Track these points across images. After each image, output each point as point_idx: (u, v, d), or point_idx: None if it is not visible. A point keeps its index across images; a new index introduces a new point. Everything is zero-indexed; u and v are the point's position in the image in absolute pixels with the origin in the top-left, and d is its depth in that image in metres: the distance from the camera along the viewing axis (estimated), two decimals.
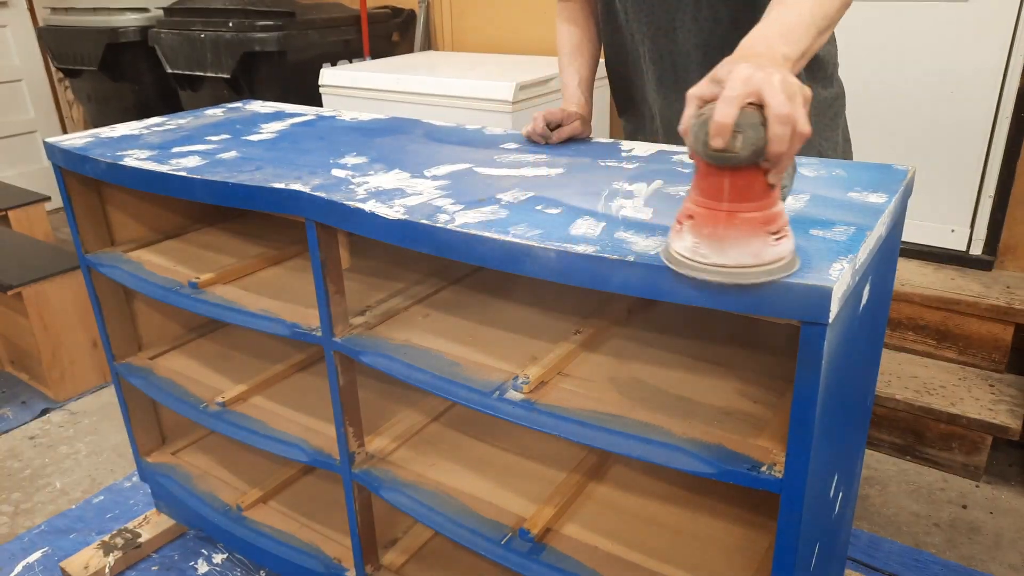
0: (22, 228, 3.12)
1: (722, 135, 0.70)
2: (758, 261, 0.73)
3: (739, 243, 0.73)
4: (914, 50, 2.26)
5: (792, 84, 0.73)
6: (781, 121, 0.70)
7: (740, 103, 0.71)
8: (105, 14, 3.39)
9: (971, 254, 2.34)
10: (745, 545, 1.10)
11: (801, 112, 0.72)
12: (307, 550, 1.48)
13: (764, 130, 0.70)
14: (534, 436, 1.37)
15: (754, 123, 0.70)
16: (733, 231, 0.73)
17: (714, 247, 0.74)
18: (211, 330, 1.81)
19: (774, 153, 0.70)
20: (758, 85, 0.71)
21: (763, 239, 0.73)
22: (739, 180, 0.72)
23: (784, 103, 0.70)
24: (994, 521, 1.87)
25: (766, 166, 0.72)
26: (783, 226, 0.74)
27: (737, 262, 0.73)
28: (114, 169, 1.34)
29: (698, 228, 0.74)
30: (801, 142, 0.72)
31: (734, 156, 0.70)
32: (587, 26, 1.48)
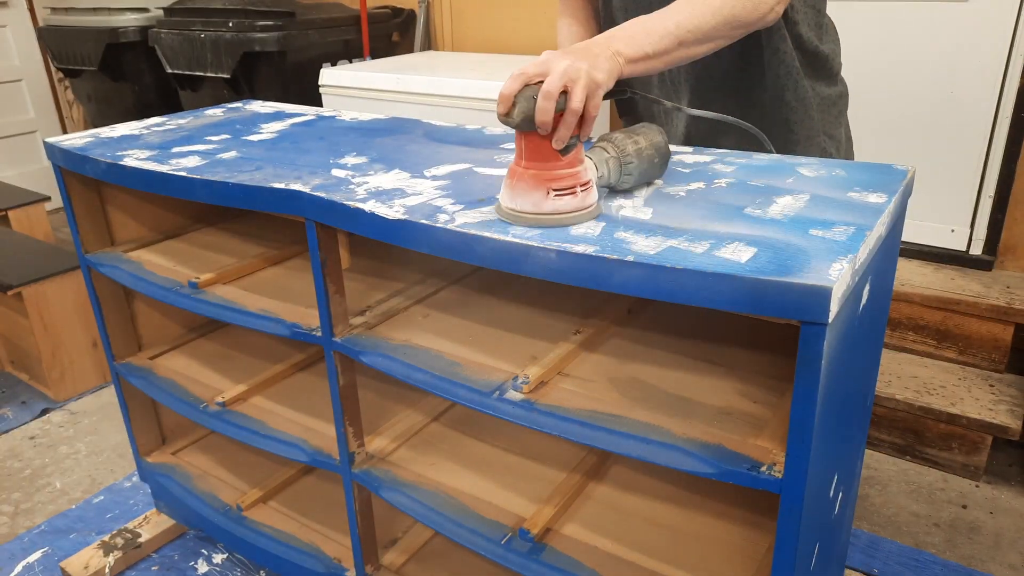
0: (22, 228, 3.12)
1: (504, 103, 0.87)
2: (537, 210, 0.91)
3: (525, 193, 0.91)
4: (914, 50, 2.26)
5: (578, 71, 0.87)
6: (544, 96, 0.85)
7: (525, 80, 0.87)
8: (105, 14, 3.39)
9: (971, 254, 2.34)
10: (745, 545, 1.10)
11: (577, 92, 0.87)
12: (307, 550, 1.48)
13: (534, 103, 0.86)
14: (534, 436, 1.37)
15: (527, 96, 0.87)
16: (522, 184, 0.91)
17: (511, 195, 0.93)
18: (211, 330, 1.81)
19: (539, 122, 0.86)
20: (547, 67, 0.88)
21: (543, 193, 0.90)
22: (528, 144, 0.90)
23: (553, 83, 0.85)
24: (994, 521, 1.87)
25: (542, 133, 0.88)
26: (570, 186, 0.91)
27: (520, 208, 0.92)
28: (114, 169, 1.34)
29: (507, 179, 0.94)
30: (574, 117, 0.87)
31: (510, 120, 0.88)
32: (588, 24, 1.49)
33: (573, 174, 0.91)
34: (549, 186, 0.90)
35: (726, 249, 0.82)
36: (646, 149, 1.01)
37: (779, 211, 0.94)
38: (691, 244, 0.84)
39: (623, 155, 0.99)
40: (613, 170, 0.99)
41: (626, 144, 1.00)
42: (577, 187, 0.91)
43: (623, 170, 1.00)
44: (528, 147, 0.90)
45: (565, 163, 0.90)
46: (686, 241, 0.85)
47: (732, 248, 0.82)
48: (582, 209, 0.92)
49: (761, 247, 0.82)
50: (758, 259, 0.79)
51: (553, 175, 0.90)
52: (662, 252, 0.82)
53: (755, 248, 0.82)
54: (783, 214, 0.93)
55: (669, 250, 0.83)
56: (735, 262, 0.78)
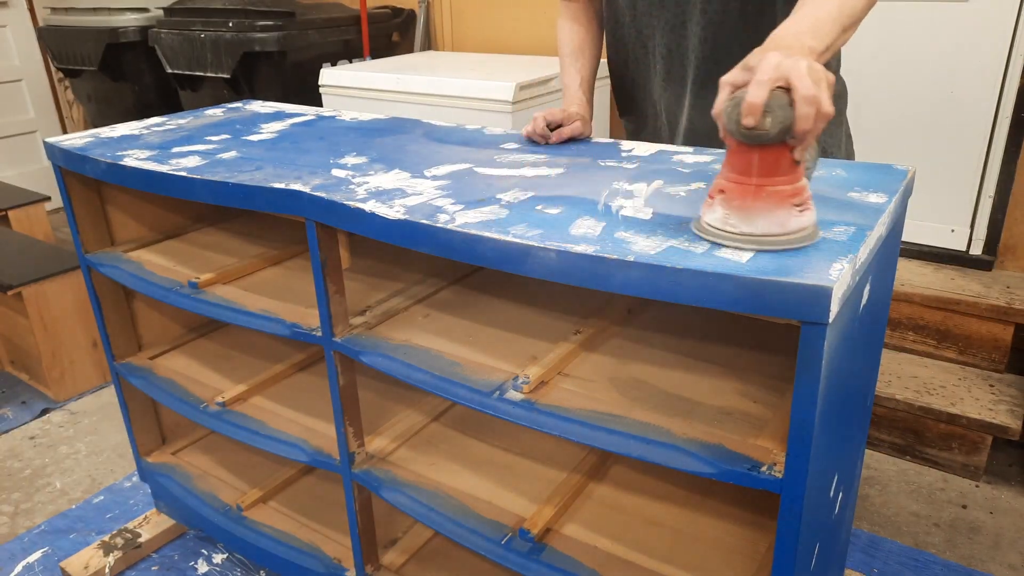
0: (22, 228, 3.12)
1: (754, 114, 0.77)
2: (783, 230, 0.81)
3: (766, 214, 0.81)
4: (914, 50, 2.26)
5: (817, 70, 0.80)
6: (807, 102, 0.77)
7: (770, 86, 0.78)
8: (105, 14, 3.39)
9: (971, 254, 2.34)
10: (745, 545, 1.10)
11: (825, 95, 0.79)
12: (307, 550, 1.48)
13: (791, 110, 0.78)
14: (534, 436, 1.37)
15: (782, 104, 0.78)
16: (761, 203, 0.81)
17: (743, 218, 0.82)
18: (211, 330, 1.81)
19: (800, 130, 0.78)
20: (786, 71, 0.79)
21: (788, 210, 0.81)
22: (768, 156, 0.80)
23: (810, 86, 0.78)
24: (994, 521, 1.87)
25: (792, 143, 0.79)
26: (807, 199, 0.82)
27: (764, 231, 0.81)
28: (114, 169, 1.34)
29: (728, 201, 0.83)
30: (825, 122, 0.79)
31: (764, 134, 0.78)
32: (590, 27, 1.49)
33: (806, 186, 0.83)
34: (792, 201, 0.81)
35: (726, 249, 0.82)
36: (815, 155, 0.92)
37: None
38: (691, 244, 0.84)
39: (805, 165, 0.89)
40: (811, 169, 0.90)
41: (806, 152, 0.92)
42: (810, 199, 0.83)
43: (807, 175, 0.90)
44: (765, 161, 0.80)
45: (799, 174, 0.82)
46: (686, 241, 0.85)
47: (732, 248, 0.82)
48: (814, 224, 0.84)
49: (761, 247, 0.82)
50: (758, 259, 0.79)
51: (795, 189, 0.81)
52: (662, 252, 0.82)
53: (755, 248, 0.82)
54: None
55: (669, 250, 0.83)
56: (735, 262, 0.78)
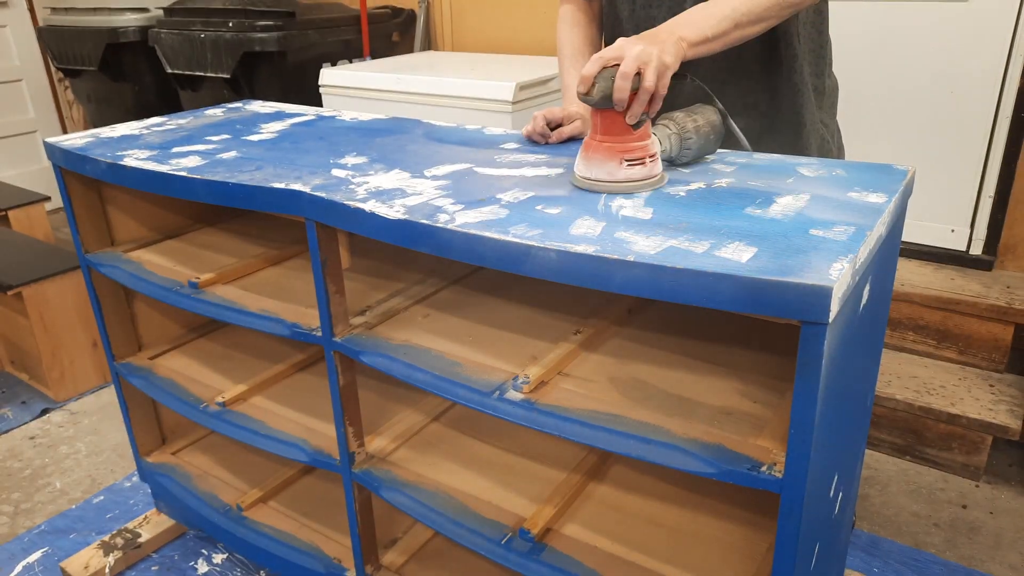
0: (22, 228, 3.12)
1: (584, 83, 1.00)
2: (611, 178, 1.02)
3: (600, 163, 1.03)
4: (914, 50, 2.26)
5: (649, 54, 0.99)
6: (622, 77, 0.97)
7: (603, 63, 0.99)
8: (105, 14, 3.39)
9: (971, 254, 2.34)
10: (745, 545, 1.10)
11: (650, 74, 0.98)
12: (307, 550, 1.48)
13: (611, 83, 0.98)
14: (534, 436, 1.37)
15: (606, 77, 0.98)
16: (598, 155, 1.03)
17: (587, 165, 1.05)
18: (211, 330, 1.81)
19: (616, 99, 0.98)
20: (622, 51, 0.99)
21: (617, 163, 1.02)
22: (604, 119, 1.02)
23: (629, 64, 0.97)
24: (994, 521, 1.87)
25: (619, 109, 0.99)
26: (641, 157, 1.02)
27: (597, 177, 1.03)
28: (114, 169, 1.34)
29: (583, 152, 1.05)
30: (647, 95, 0.99)
31: (589, 99, 1.00)
32: (589, 28, 1.49)
33: (643, 146, 1.03)
34: (622, 156, 1.02)
35: (726, 249, 0.82)
36: (703, 127, 1.11)
37: (779, 211, 0.94)
38: (691, 244, 0.84)
39: (683, 131, 1.10)
40: (674, 145, 1.10)
41: (686, 122, 1.10)
42: (646, 158, 1.03)
43: (683, 145, 1.10)
44: (603, 122, 1.02)
45: (636, 136, 1.02)
46: (687, 241, 0.85)
47: (732, 248, 0.82)
48: (650, 177, 1.04)
49: (761, 247, 0.82)
50: (758, 259, 0.79)
51: (626, 147, 1.02)
52: (663, 252, 0.82)
53: (755, 248, 0.82)
54: (783, 214, 0.93)
55: (670, 250, 0.83)
56: (735, 262, 0.78)
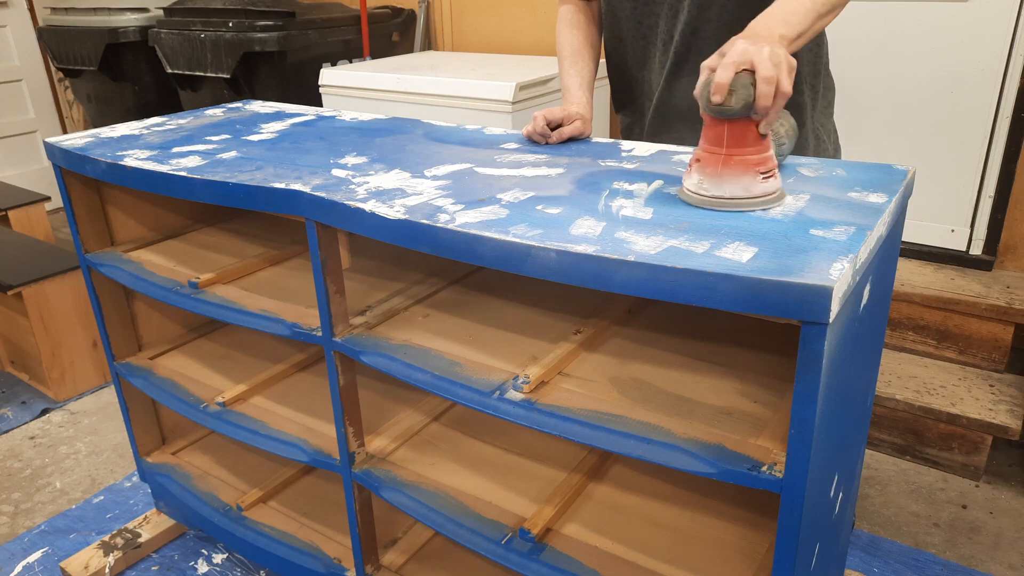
0: (22, 228, 3.12)
1: (720, 92, 0.91)
2: (748, 194, 0.94)
3: (734, 179, 0.94)
4: (914, 50, 2.26)
5: (778, 55, 0.92)
6: (766, 81, 0.90)
7: (735, 69, 0.91)
8: (105, 14, 3.39)
9: (971, 254, 2.34)
10: (745, 545, 1.10)
11: (784, 76, 0.92)
12: (307, 550, 1.48)
13: (753, 89, 0.90)
14: (534, 436, 1.37)
15: (745, 83, 0.91)
16: (729, 170, 0.94)
17: (714, 183, 0.95)
18: (211, 330, 1.81)
19: (761, 107, 0.91)
20: (751, 55, 0.91)
21: (753, 177, 0.94)
22: (735, 129, 0.93)
23: (769, 68, 0.90)
24: (994, 521, 1.87)
25: (756, 118, 0.92)
26: (771, 168, 0.95)
27: (732, 194, 0.94)
28: (114, 169, 1.34)
29: (703, 168, 0.96)
30: (784, 100, 0.92)
31: (729, 109, 0.91)
32: (588, 29, 1.50)
33: (771, 156, 0.96)
34: (757, 169, 0.94)
35: (727, 249, 0.82)
36: (789, 131, 1.09)
37: (779, 211, 0.94)
38: (692, 244, 0.84)
39: (778, 138, 1.07)
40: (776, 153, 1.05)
41: (779, 128, 1.08)
42: (774, 168, 0.96)
43: (779, 152, 1.07)
44: (733, 134, 0.93)
45: (764, 147, 0.95)
46: (687, 241, 0.85)
47: (733, 248, 0.82)
48: (778, 191, 0.97)
49: (762, 247, 0.82)
50: (759, 259, 0.79)
51: (760, 158, 0.94)
52: (663, 252, 0.82)
53: (756, 248, 0.82)
54: (783, 214, 0.93)
55: (670, 250, 0.83)
56: (736, 262, 0.78)
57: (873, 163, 1.14)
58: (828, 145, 1.44)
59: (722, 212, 0.94)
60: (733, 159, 0.94)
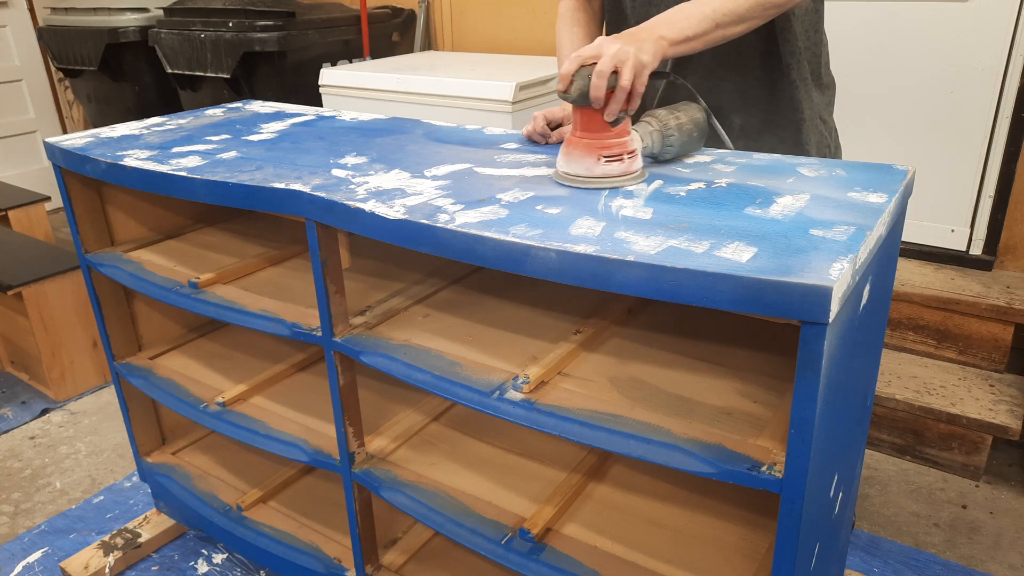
0: (22, 228, 3.12)
1: (562, 82, 1.02)
2: (589, 174, 1.05)
3: (579, 159, 1.05)
4: (914, 50, 2.26)
5: (627, 53, 1.00)
6: (597, 75, 0.99)
7: (580, 62, 1.00)
8: (105, 14, 3.39)
9: (971, 254, 2.34)
10: (745, 545, 1.10)
11: (626, 73, 1.00)
12: (307, 550, 1.48)
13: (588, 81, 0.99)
14: (534, 436, 1.37)
15: (583, 75, 1.00)
16: (577, 151, 1.05)
17: (566, 161, 1.07)
18: (211, 330, 1.81)
19: (593, 97, 1.00)
20: (600, 50, 1.01)
21: (595, 159, 1.04)
22: (582, 116, 1.04)
23: (606, 63, 0.98)
24: (994, 521, 1.87)
25: (596, 107, 1.01)
26: (619, 153, 1.04)
27: (576, 172, 1.06)
28: (114, 169, 1.34)
29: (563, 147, 1.08)
30: (623, 93, 1.01)
31: (568, 96, 1.02)
32: (589, 27, 1.50)
33: (621, 143, 1.05)
34: (600, 153, 1.04)
35: (726, 249, 0.82)
36: (686, 124, 1.14)
37: (779, 211, 0.94)
38: (691, 244, 0.84)
39: (665, 128, 1.12)
40: (656, 141, 1.12)
41: (668, 119, 1.13)
42: (624, 154, 1.05)
43: (665, 142, 1.12)
44: (582, 119, 1.04)
45: (614, 133, 1.04)
46: (686, 241, 0.85)
47: (732, 248, 0.82)
48: (628, 174, 1.06)
49: (761, 247, 0.82)
50: (758, 259, 0.79)
51: (604, 143, 1.04)
52: (663, 252, 0.82)
53: (755, 248, 0.82)
54: (783, 214, 0.93)
55: (669, 250, 0.83)
56: (735, 262, 0.78)
57: (873, 163, 1.14)
58: (830, 142, 1.44)
59: (720, 212, 0.94)
60: (581, 141, 1.05)
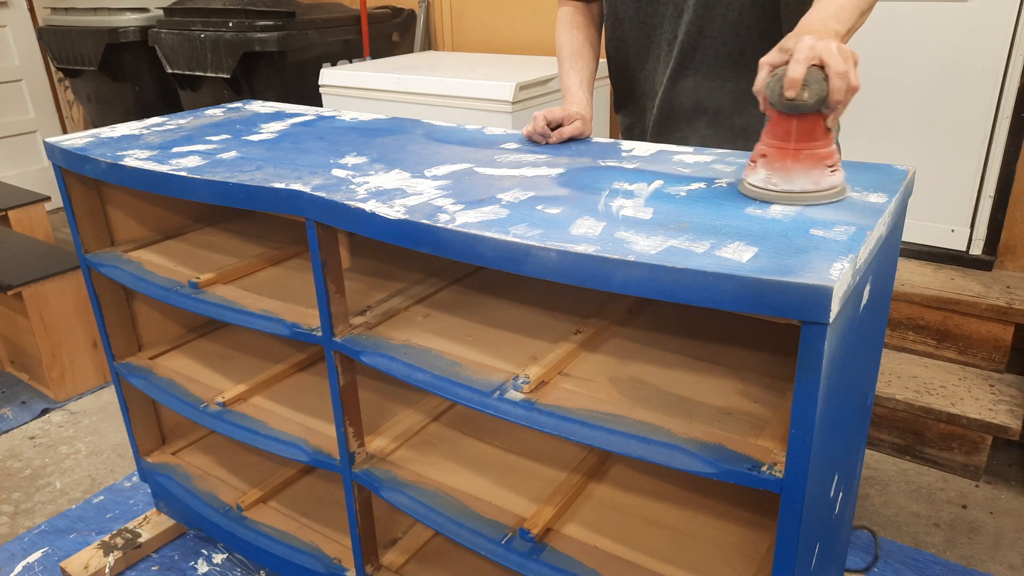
0: (22, 228, 3.12)
1: (794, 88, 0.91)
2: (818, 187, 0.95)
3: (803, 173, 0.95)
4: (914, 50, 2.26)
5: (846, 50, 0.93)
6: (839, 76, 0.91)
7: (808, 64, 0.92)
8: (105, 14, 3.39)
9: (971, 254, 2.34)
10: (745, 545, 1.10)
11: (854, 71, 0.93)
12: (307, 550, 1.48)
13: (826, 84, 0.91)
14: (534, 436, 1.37)
15: (818, 78, 0.91)
16: (799, 164, 0.95)
17: (783, 177, 0.96)
18: (211, 330, 1.81)
19: (834, 101, 0.92)
20: (820, 51, 0.92)
21: (822, 170, 0.95)
22: (804, 124, 0.94)
23: (841, 63, 0.91)
24: (994, 521, 1.87)
25: (826, 112, 0.93)
26: (836, 162, 0.97)
27: (802, 188, 0.95)
28: (114, 169, 1.34)
29: (770, 163, 0.96)
30: (853, 94, 0.93)
31: (803, 104, 0.92)
32: (588, 30, 1.50)
33: (836, 149, 0.98)
34: (826, 163, 0.96)
35: (727, 249, 0.82)
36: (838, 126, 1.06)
37: (779, 211, 0.94)
38: (692, 244, 0.84)
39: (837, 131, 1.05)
40: None
41: None
42: (839, 161, 0.98)
43: None
44: (802, 128, 0.94)
45: (831, 140, 0.97)
46: (687, 241, 0.85)
47: (733, 248, 0.82)
48: (844, 182, 0.99)
49: (762, 247, 0.82)
50: (759, 259, 0.79)
51: (828, 151, 0.96)
52: (663, 252, 0.82)
53: (756, 248, 0.82)
54: (784, 214, 0.93)
55: (670, 250, 0.83)
56: (736, 262, 0.78)
57: (873, 163, 1.14)
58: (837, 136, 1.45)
59: (720, 212, 0.94)
60: (802, 153, 0.94)
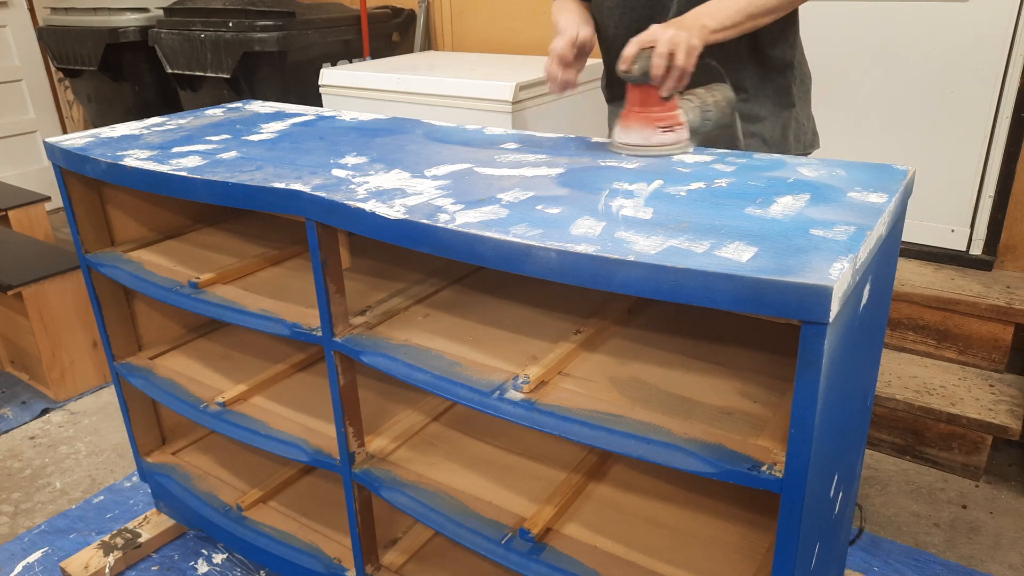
0: (22, 228, 3.12)
1: (624, 63, 1.16)
2: (647, 143, 1.20)
3: (637, 130, 1.20)
4: (914, 50, 2.26)
5: (680, 38, 1.14)
6: (659, 56, 1.13)
7: (640, 45, 1.15)
8: (105, 14, 3.39)
9: (971, 254, 2.34)
10: (745, 545, 1.10)
11: (681, 54, 1.14)
12: (307, 550, 1.48)
13: (649, 61, 1.14)
14: (534, 436, 1.37)
15: (644, 57, 1.15)
16: (635, 123, 1.21)
17: (625, 132, 1.22)
18: (211, 330, 1.81)
19: (655, 75, 1.14)
20: (656, 36, 1.15)
21: (653, 129, 1.19)
22: (640, 93, 1.19)
23: (664, 46, 1.13)
24: (994, 521, 1.87)
25: (655, 83, 1.16)
26: (672, 125, 1.20)
27: (636, 142, 1.21)
28: (114, 169, 1.34)
29: (621, 121, 1.23)
30: (679, 72, 1.15)
31: (631, 75, 1.16)
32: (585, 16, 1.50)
33: (673, 115, 1.20)
34: (657, 124, 1.19)
35: (727, 249, 0.82)
36: (720, 101, 1.27)
37: (779, 211, 0.94)
38: (692, 244, 0.84)
39: (704, 105, 1.25)
40: (696, 116, 1.24)
41: (706, 96, 1.26)
42: (675, 125, 1.20)
43: (704, 116, 1.26)
44: (640, 96, 1.19)
45: (668, 107, 1.19)
46: (687, 241, 0.85)
47: (733, 248, 0.82)
48: (679, 142, 1.21)
49: (762, 247, 0.82)
50: (759, 259, 0.79)
51: (659, 116, 1.19)
52: (663, 252, 0.82)
53: (756, 248, 0.82)
54: (783, 214, 0.93)
55: (670, 250, 0.83)
56: (736, 262, 0.78)
57: (873, 163, 1.14)
58: (807, 128, 1.50)
59: (720, 212, 0.94)
60: (639, 115, 1.19)
